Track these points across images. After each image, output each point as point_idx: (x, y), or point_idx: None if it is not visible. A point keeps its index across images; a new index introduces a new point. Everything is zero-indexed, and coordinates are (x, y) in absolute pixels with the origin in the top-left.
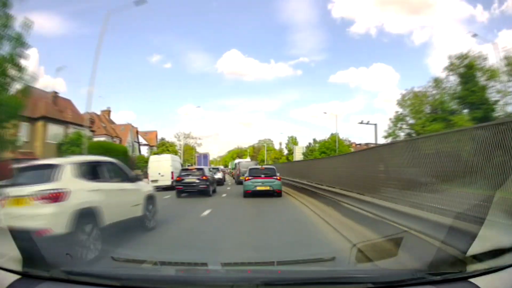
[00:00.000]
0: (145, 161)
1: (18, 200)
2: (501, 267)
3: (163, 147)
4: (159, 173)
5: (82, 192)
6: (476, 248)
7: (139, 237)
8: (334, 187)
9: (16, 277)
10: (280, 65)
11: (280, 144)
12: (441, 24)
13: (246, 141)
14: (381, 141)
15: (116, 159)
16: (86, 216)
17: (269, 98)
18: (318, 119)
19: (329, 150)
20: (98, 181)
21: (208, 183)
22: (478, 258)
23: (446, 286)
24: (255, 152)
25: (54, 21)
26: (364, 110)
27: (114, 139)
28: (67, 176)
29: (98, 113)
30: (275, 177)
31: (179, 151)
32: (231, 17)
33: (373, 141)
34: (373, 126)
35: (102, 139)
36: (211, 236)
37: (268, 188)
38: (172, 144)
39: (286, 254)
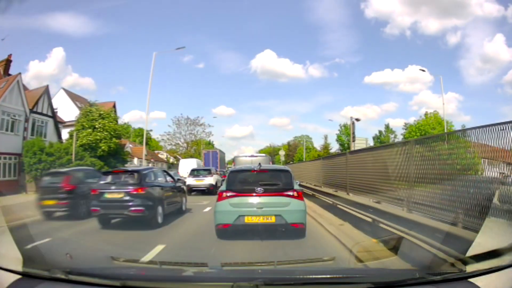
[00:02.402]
0: (34, 151)
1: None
2: (501, 267)
3: (85, 119)
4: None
5: None
6: (475, 248)
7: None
8: None
9: (16, 277)
10: (314, 66)
11: (326, 137)
12: (473, 26)
13: (281, 140)
14: None
15: None
16: None
17: (303, 100)
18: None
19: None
20: None
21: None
22: (478, 258)
23: (446, 286)
24: (290, 150)
25: (80, 20)
26: (398, 113)
27: None
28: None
29: None
30: (290, 192)
31: (171, 143)
32: (264, 17)
33: None
34: None
35: None
36: None
37: (271, 220)
38: (107, 115)
39: (286, 255)
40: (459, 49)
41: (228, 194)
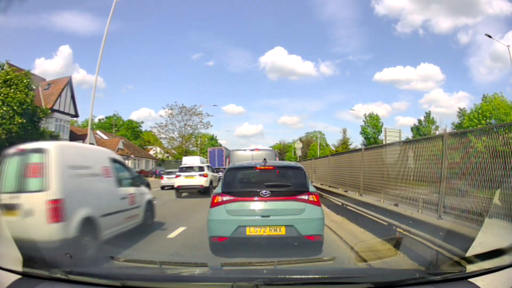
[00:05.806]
0: None
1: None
2: (501, 267)
3: None
4: None
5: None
6: (476, 248)
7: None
8: None
9: (16, 277)
10: (325, 64)
11: (344, 131)
12: (484, 24)
13: (291, 138)
14: None
15: None
16: None
17: (313, 98)
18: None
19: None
20: None
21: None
22: (478, 258)
23: (446, 286)
24: (302, 147)
25: (87, 18)
26: (408, 111)
27: None
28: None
29: None
30: (304, 196)
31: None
32: (274, 13)
33: None
34: None
35: None
36: None
37: (280, 231)
38: (17, 81)
39: (286, 254)
40: (469, 47)
41: (225, 198)
